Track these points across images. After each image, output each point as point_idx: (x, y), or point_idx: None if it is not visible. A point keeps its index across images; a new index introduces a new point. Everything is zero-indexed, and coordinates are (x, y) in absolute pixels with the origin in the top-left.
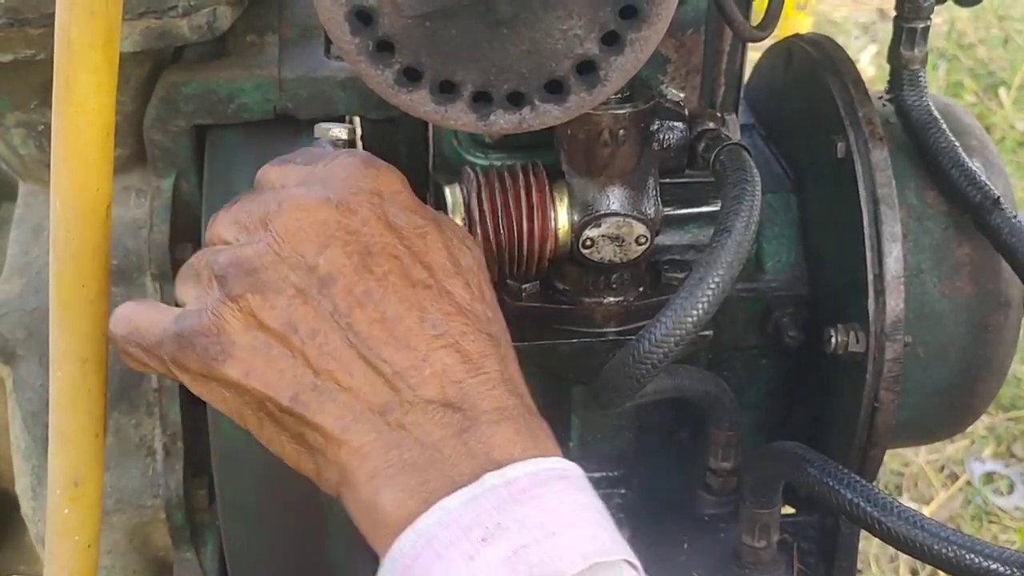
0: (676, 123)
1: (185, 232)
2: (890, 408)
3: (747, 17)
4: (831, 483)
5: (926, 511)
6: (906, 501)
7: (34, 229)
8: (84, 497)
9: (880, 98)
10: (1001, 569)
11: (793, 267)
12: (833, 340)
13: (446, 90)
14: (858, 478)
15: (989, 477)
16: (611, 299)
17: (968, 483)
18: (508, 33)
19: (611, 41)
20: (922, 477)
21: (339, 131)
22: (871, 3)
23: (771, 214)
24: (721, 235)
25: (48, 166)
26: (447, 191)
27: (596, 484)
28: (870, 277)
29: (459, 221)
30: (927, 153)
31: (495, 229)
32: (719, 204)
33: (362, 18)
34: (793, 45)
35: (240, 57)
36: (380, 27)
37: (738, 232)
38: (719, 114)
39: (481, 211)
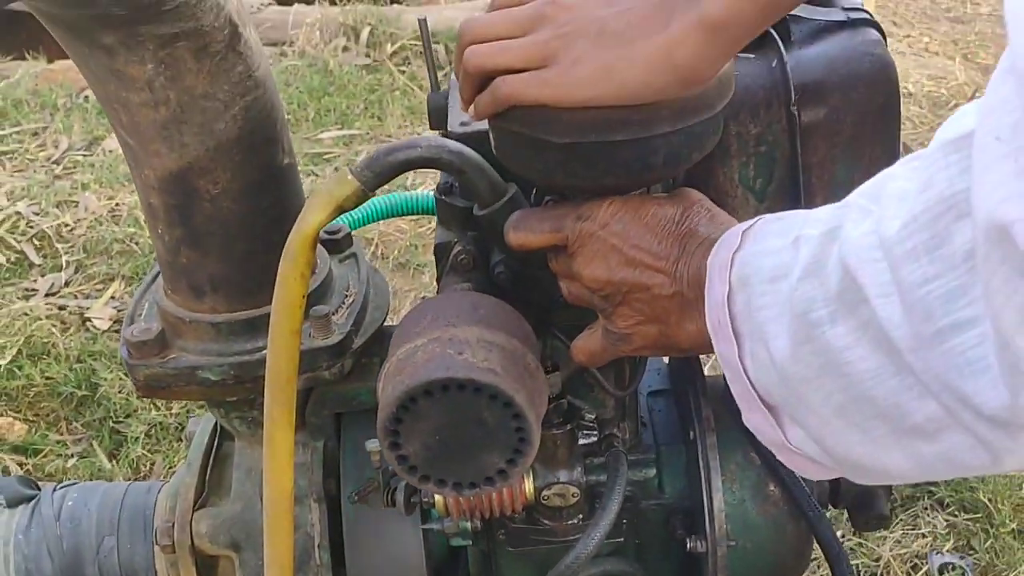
0: (592, 432)
1: (330, 471)
2: None
3: None
4: None
5: None
6: None
7: (247, 471)
8: None
9: None
10: None
11: (681, 491)
12: (689, 543)
13: (438, 484)
14: None
15: (945, 567)
16: (566, 523)
17: (927, 573)
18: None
19: (511, 463)
20: (890, 568)
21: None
22: None
23: (670, 457)
24: (601, 512)
25: (251, 437)
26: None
27: None
28: (706, 507)
29: (443, 506)
30: None
31: (477, 502)
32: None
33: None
34: None
35: (359, 373)
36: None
37: (610, 511)
38: (621, 424)
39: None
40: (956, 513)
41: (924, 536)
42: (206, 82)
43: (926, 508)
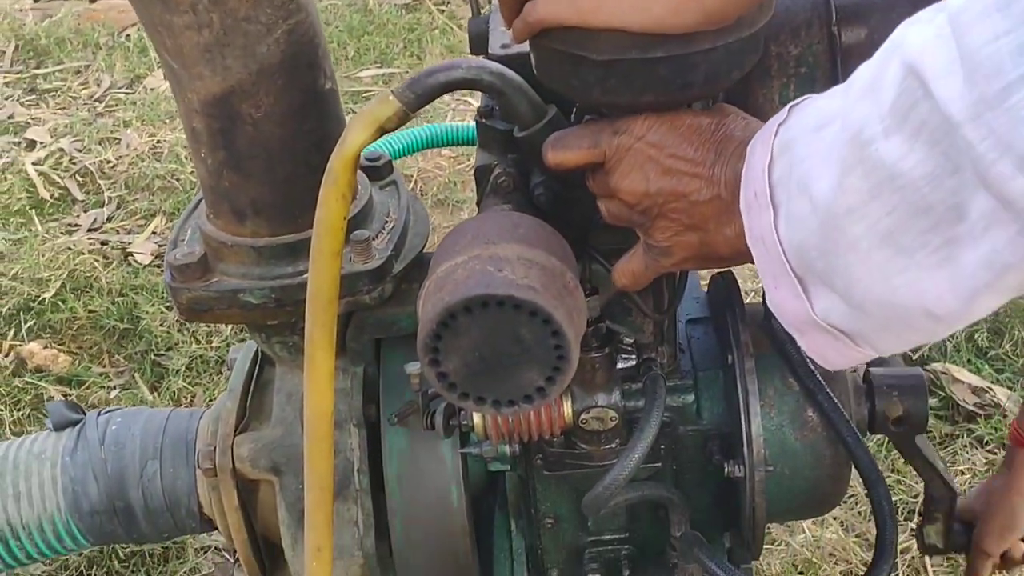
0: (630, 356)
1: (370, 396)
2: (762, 506)
3: None
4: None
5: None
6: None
7: (287, 395)
8: (323, 557)
9: None
10: None
11: (719, 416)
12: (727, 468)
13: (477, 402)
14: None
15: None
16: (603, 447)
17: None
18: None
19: (550, 381)
20: None
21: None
22: None
23: (708, 382)
24: (638, 435)
25: (292, 362)
26: (475, 415)
27: (604, 544)
28: (744, 432)
29: (481, 428)
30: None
31: (516, 425)
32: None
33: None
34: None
35: (399, 299)
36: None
37: (648, 433)
38: (659, 348)
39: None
40: (995, 451)
41: (963, 473)
42: (249, 5)
43: (965, 446)
